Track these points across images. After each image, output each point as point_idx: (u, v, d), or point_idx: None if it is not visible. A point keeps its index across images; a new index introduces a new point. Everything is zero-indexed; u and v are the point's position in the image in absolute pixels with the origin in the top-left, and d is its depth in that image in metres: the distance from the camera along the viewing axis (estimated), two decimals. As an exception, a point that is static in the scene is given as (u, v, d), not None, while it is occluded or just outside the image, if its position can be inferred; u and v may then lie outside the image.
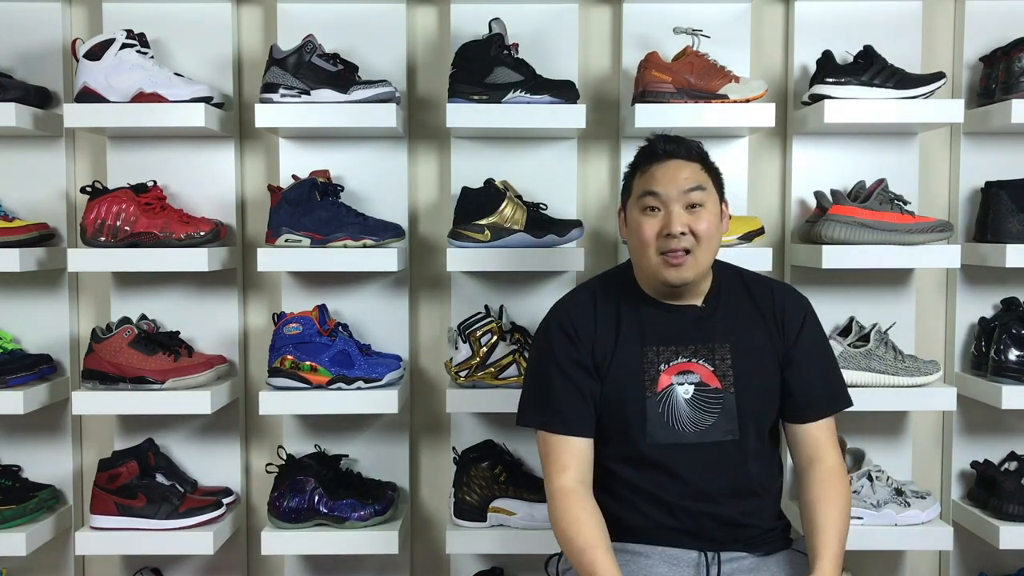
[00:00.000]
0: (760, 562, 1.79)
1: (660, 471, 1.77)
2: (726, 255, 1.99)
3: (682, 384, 1.78)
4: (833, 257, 2.25)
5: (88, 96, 2.25)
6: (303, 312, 2.31)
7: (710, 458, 1.77)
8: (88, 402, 2.28)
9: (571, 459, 1.78)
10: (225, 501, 2.40)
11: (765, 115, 2.23)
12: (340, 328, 2.34)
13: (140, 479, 2.32)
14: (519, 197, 2.33)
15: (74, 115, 2.25)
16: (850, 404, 1.88)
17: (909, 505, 2.32)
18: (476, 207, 2.28)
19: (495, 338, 2.30)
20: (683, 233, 1.73)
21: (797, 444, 1.85)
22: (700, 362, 1.79)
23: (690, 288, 1.80)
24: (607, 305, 1.84)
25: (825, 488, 1.77)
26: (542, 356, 1.84)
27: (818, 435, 1.83)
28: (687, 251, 1.74)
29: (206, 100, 2.26)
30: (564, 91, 2.24)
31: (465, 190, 2.31)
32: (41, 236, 2.38)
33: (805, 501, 1.80)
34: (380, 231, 2.30)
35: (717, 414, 1.77)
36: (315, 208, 2.27)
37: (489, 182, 2.33)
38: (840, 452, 1.85)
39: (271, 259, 2.27)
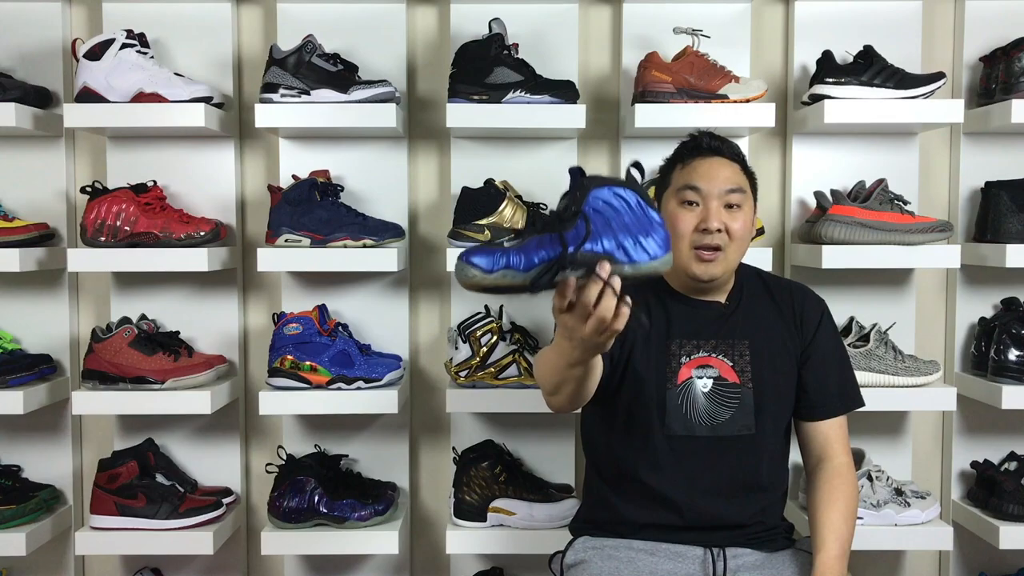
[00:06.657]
0: (766, 559, 1.80)
1: (673, 464, 1.78)
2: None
3: (701, 378, 1.80)
4: (833, 257, 2.25)
5: (88, 96, 2.25)
6: (303, 312, 2.31)
7: (724, 452, 1.79)
8: (88, 402, 2.28)
9: None
10: (225, 501, 2.40)
11: (765, 115, 2.23)
12: (340, 328, 2.34)
13: (140, 479, 2.32)
14: (519, 197, 2.33)
15: (74, 115, 2.25)
16: (862, 404, 1.91)
17: (909, 505, 2.32)
18: (476, 207, 2.28)
19: (495, 338, 2.30)
20: (719, 230, 1.76)
21: (808, 442, 1.88)
22: (720, 357, 1.81)
23: (716, 285, 1.83)
24: (636, 295, 1.84)
25: (833, 485, 1.79)
26: None
27: (829, 433, 1.85)
28: (718, 248, 1.77)
29: (206, 100, 2.26)
30: (564, 91, 2.24)
31: (465, 190, 2.31)
32: (41, 236, 2.38)
33: (812, 497, 1.81)
34: (380, 231, 2.29)
35: (734, 408, 1.79)
36: (315, 208, 2.27)
37: (489, 182, 2.32)
38: (850, 451, 1.87)
39: (271, 259, 2.27)
